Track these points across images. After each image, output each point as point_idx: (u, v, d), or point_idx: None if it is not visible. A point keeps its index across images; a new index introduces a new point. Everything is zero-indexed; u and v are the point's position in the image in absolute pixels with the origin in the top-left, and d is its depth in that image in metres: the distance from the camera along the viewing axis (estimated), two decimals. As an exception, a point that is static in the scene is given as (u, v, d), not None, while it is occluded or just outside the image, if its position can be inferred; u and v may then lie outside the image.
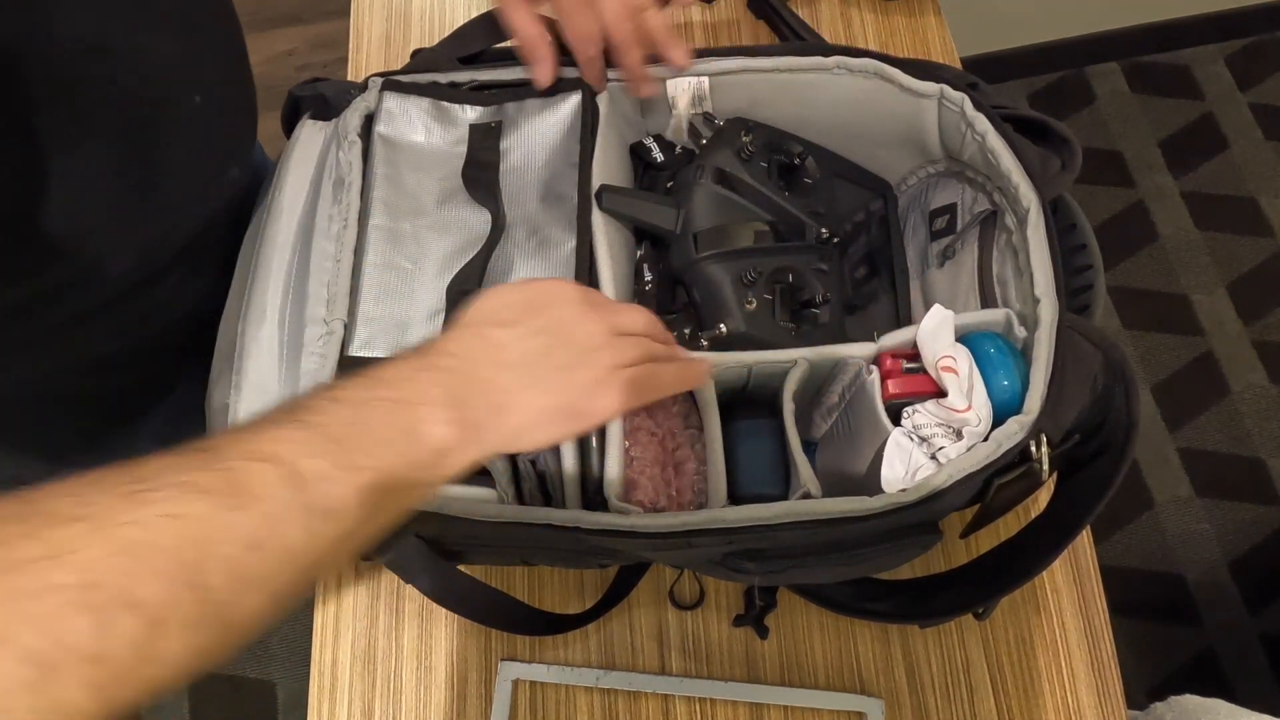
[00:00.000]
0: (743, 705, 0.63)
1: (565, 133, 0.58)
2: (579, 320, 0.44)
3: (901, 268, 0.64)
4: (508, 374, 0.41)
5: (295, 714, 1.40)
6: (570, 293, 0.45)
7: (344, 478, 0.34)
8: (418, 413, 0.38)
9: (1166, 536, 1.47)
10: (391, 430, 0.36)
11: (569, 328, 0.43)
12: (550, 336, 0.43)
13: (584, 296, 0.45)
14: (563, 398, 0.42)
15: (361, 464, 0.35)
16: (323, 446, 0.34)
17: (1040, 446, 0.46)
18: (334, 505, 0.34)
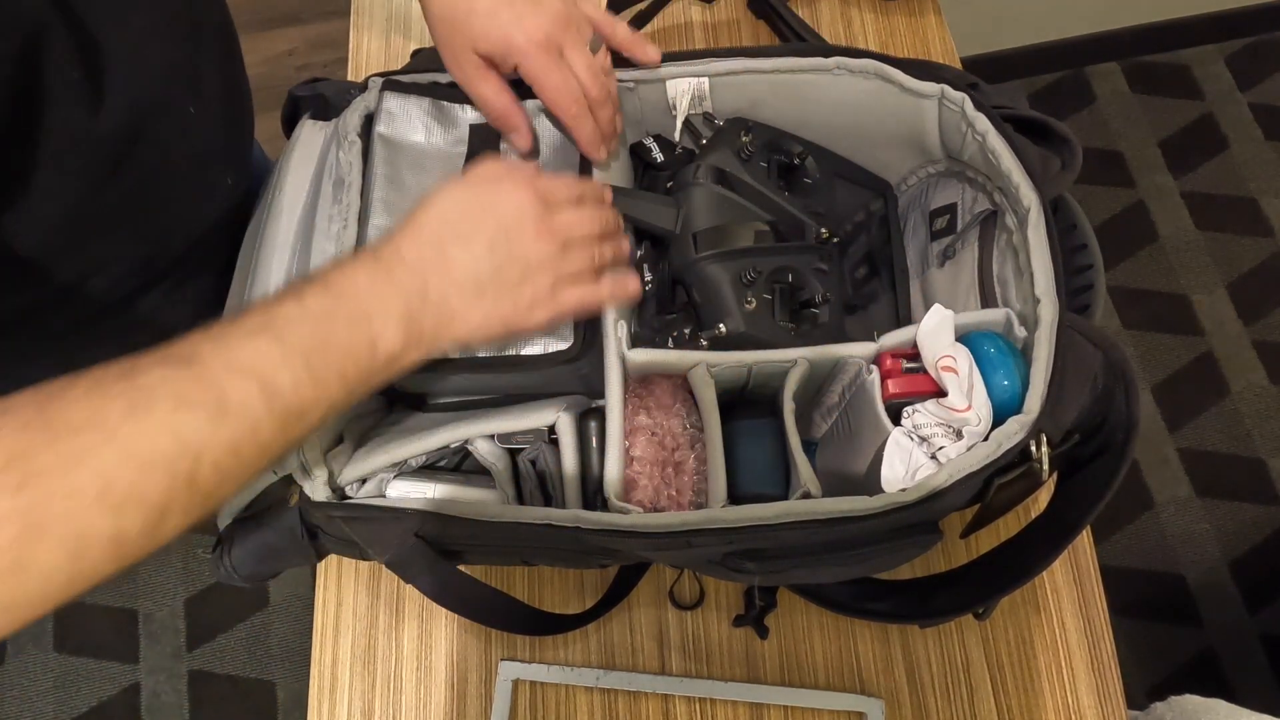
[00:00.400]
0: (743, 705, 0.63)
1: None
2: (531, 238, 0.47)
3: (901, 268, 0.64)
4: (458, 292, 0.45)
5: (295, 714, 1.40)
6: (525, 204, 0.47)
7: (312, 386, 0.39)
8: (375, 326, 0.42)
9: (1166, 536, 1.47)
10: (352, 342, 0.41)
11: (519, 246, 0.47)
12: (501, 254, 0.46)
13: (537, 205, 0.48)
14: (504, 312, 0.46)
15: (327, 374, 0.40)
16: (295, 360, 0.39)
17: (1040, 446, 0.46)
18: (304, 408, 0.39)
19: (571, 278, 0.49)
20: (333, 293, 0.42)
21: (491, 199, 0.47)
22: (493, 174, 0.48)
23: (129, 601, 1.47)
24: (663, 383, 0.54)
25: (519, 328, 0.47)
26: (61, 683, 1.43)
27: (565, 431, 0.51)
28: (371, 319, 0.42)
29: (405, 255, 0.44)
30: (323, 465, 0.49)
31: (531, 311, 0.47)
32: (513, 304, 0.47)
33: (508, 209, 0.47)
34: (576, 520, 0.47)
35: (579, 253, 0.49)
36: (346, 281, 0.42)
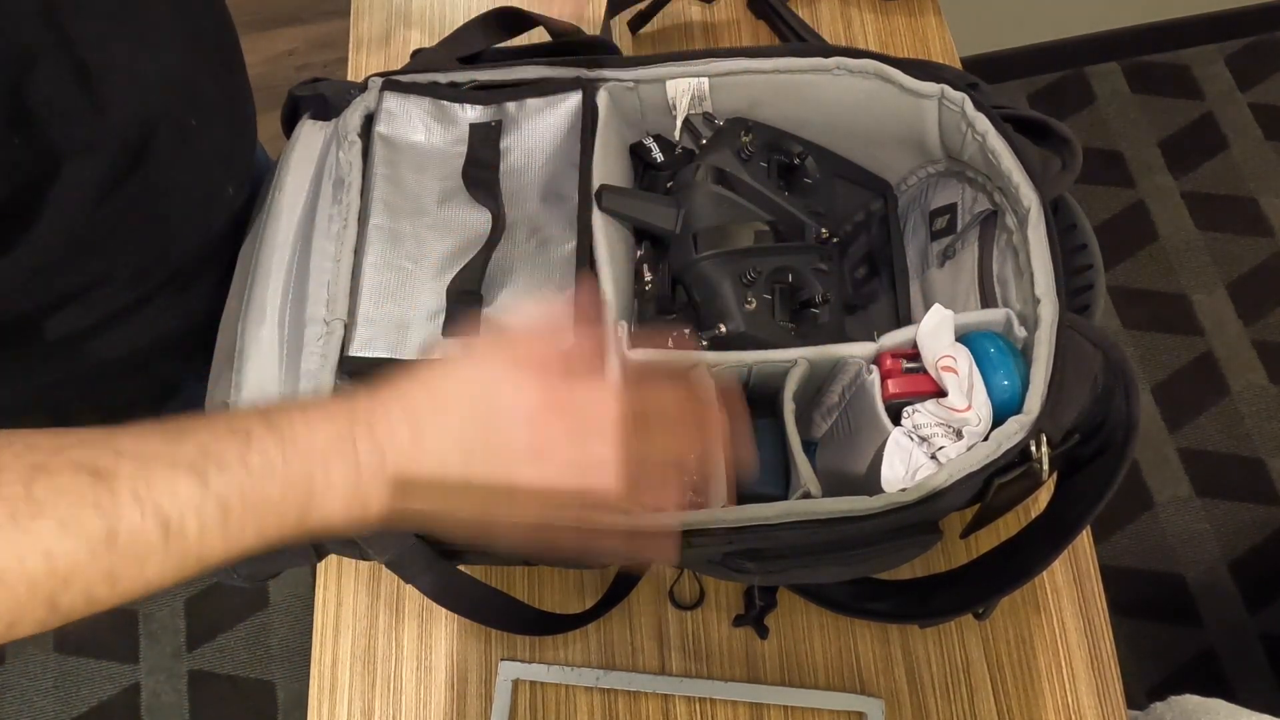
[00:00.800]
0: (743, 705, 0.63)
1: (565, 133, 0.58)
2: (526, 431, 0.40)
3: (901, 268, 0.64)
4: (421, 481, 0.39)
5: (295, 714, 1.40)
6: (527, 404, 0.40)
7: (222, 538, 0.36)
8: (315, 495, 0.37)
9: (1166, 536, 1.47)
10: (283, 504, 0.37)
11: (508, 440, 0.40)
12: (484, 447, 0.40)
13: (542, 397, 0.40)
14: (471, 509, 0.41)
15: (244, 529, 0.36)
16: (211, 508, 0.35)
17: (1040, 446, 0.46)
18: (205, 555, 0.36)
19: None
20: (284, 445, 0.37)
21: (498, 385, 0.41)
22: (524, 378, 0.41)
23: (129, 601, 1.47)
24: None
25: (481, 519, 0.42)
26: (61, 683, 1.43)
27: (565, 431, 0.51)
28: (313, 486, 0.37)
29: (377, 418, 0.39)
30: (323, 465, 0.49)
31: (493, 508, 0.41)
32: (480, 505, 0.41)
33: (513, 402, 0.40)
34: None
35: None
36: (304, 436, 0.38)
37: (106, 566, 0.34)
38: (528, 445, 0.40)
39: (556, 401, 0.40)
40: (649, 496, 0.42)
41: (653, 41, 0.84)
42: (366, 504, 0.39)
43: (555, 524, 0.42)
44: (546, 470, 0.40)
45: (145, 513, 0.34)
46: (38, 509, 0.33)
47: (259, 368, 0.53)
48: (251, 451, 0.37)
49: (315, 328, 0.53)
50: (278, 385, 0.53)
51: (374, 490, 0.38)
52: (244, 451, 0.36)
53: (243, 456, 0.36)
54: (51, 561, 0.33)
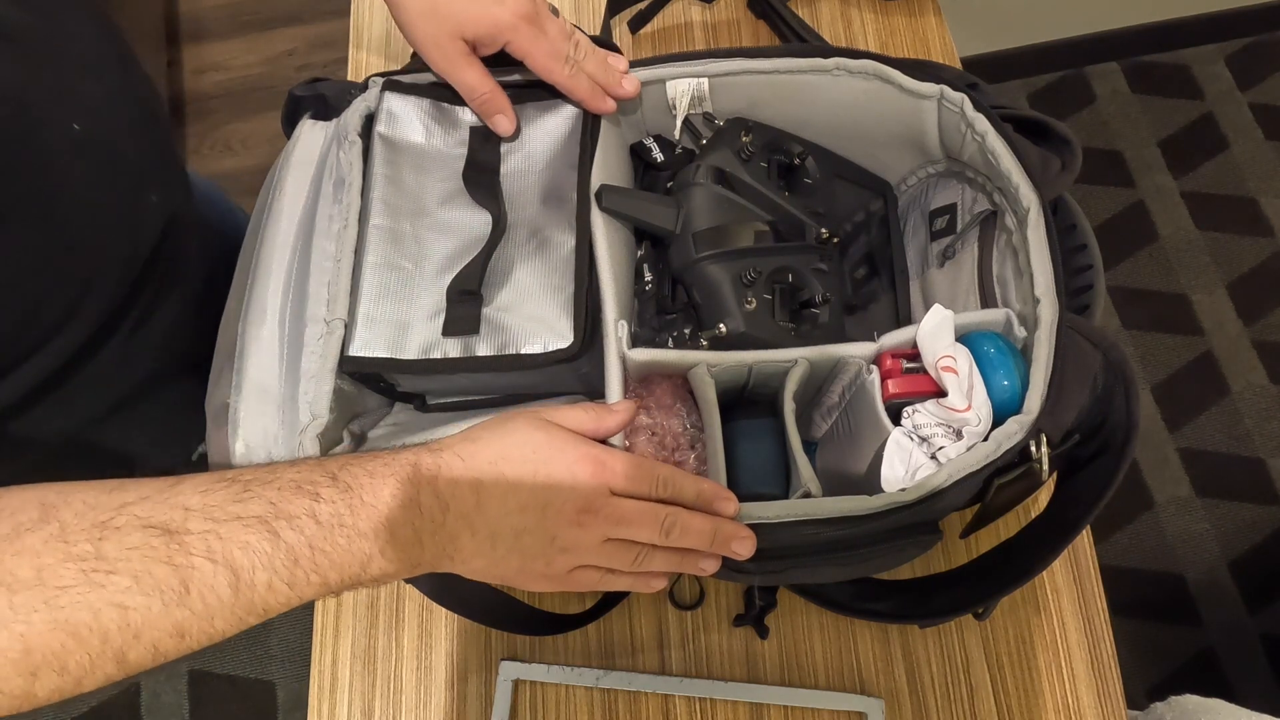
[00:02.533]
0: (743, 705, 0.63)
1: (566, 134, 0.58)
2: (571, 522, 0.43)
3: (901, 268, 0.64)
4: (472, 535, 0.42)
5: (295, 714, 1.40)
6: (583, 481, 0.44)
7: (288, 588, 0.37)
8: (377, 546, 0.39)
9: (1166, 536, 1.47)
10: (347, 557, 0.39)
11: (554, 522, 0.43)
12: (532, 520, 0.43)
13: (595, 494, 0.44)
14: (506, 572, 0.44)
15: (310, 580, 0.38)
16: (282, 564, 0.37)
17: (1040, 446, 0.46)
18: (270, 607, 0.37)
19: (598, 571, 0.46)
20: (351, 502, 0.39)
21: (562, 459, 0.44)
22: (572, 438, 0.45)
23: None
24: (663, 383, 0.54)
25: (519, 587, 0.46)
26: (62, 683, 1.43)
27: (565, 431, 0.51)
28: (377, 538, 0.39)
29: (441, 480, 0.42)
30: (323, 465, 0.49)
31: (534, 581, 0.45)
32: (519, 569, 0.44)
33: (571, 479, 0.43)
34: (577, 520, 0.47)
35: (618, 553, 0.45)
36: (370, 491, 0.40)
37: (178, 620, 0.35)
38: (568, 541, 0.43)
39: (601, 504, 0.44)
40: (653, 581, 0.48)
41: (653, 41, 0.84)
42: (423, 554, 0.41)
43: None
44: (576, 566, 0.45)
45: (218, 568, 0.35)
46: (110, 567, 0.33)
47: (259, 367, 0.53)
48: (320, 507, 0.38)
49: (315, 327, 0.53)
50: (278, 384, 0.53)
51: (432, 543, 0.41)
52: (313, 507, 0.38)
53: (312, 511, 0.38)
54: (125, 615, 0.34)
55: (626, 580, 0.47)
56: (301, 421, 0.50)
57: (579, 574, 0.45)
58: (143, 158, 0.59)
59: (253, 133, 1.78)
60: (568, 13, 0.86)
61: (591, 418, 0.47)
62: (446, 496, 0.41)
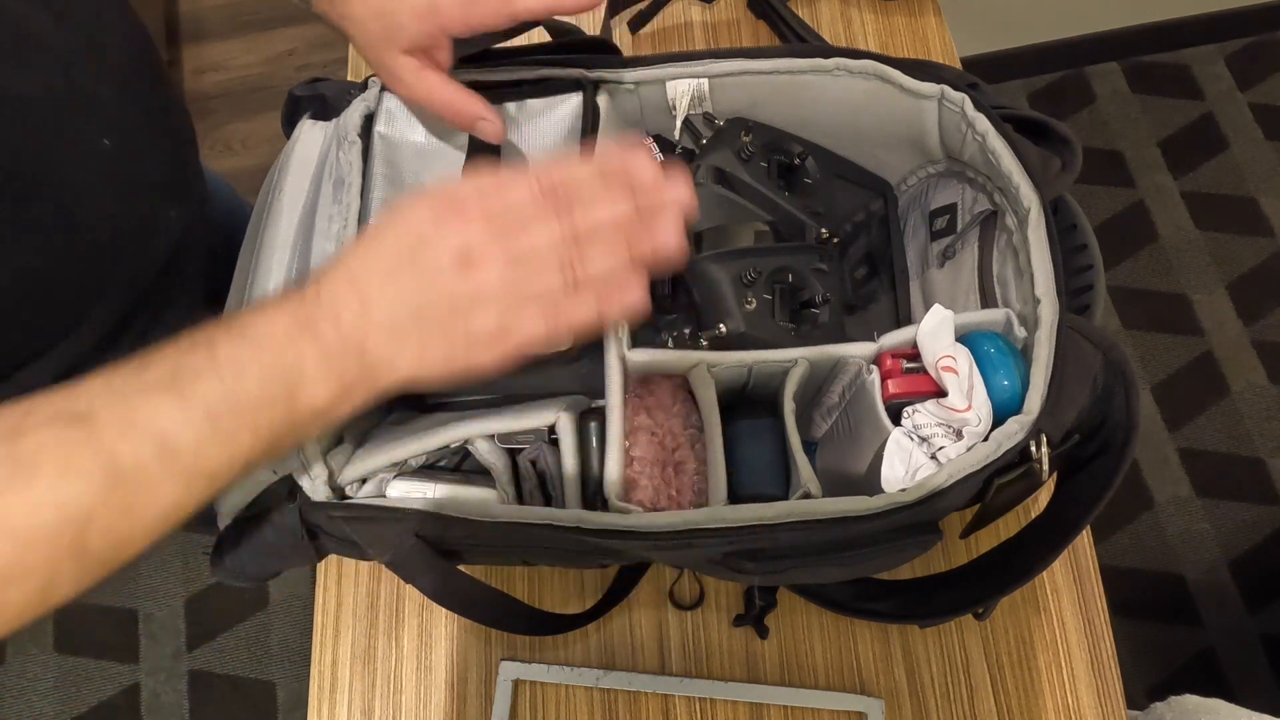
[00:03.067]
0: (743, 705, 0.63)
1: (565, 133, 0.58)
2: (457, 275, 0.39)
3: (901, 268, 0.64)
4: (375, 335, 0.39)
5: (295, 714, 1.40)
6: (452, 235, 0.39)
7: (218, 446, 0.36)
8: (292, 379, 0.38)
9: (1166, 536, 1.47)
10: (266, 397, 0.37)
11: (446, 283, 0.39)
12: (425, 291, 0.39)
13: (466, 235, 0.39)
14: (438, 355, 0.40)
15: (237, 433, 0.37)
16: (198, 419, 0.36)
17: (1040, 446, 0.46)
18: (211, 469, 0.37)
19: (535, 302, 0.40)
20: (248, 341, 0.38)
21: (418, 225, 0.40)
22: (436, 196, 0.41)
23: (129, 601, 1.47)
24: (663, 383, 0.54)
25: (466, 369, 0.41)
26: (61, 683, 1.43)
27: (565, 431, 0.51)
28: (288, 371, 0.38)
29: (323, 294, 0.39)
30: (322, 465, 0.49)
31: (473, 352, 0.40)
32: (446, 346, 0.40)
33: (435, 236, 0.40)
34: (577, 520, 0.47)
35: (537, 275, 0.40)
36: (264, 328, 0.38)
37: (120, 501, 0.34)
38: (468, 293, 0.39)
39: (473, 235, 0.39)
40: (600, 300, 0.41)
41: (653, 41, 0.84)
42: (345, 381, 0.39)
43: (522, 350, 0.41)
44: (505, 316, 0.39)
45: (136, 440, 0.35)
46: (32, 462, 0.33)
47: (259, 367, 0.53)
48: (219, 356, 0.37)
49: (315, 328, 0.53)
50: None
51: (347, 364, 0.39)
52: (211, 358, 0.37)
53: (212, 362, 0.37)
54: (63, 510, 0.33)
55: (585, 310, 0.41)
56: (301, 421, 0.50)
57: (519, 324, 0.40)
58: (167, 176, 0.59)
59: (253, 133, 1.78)
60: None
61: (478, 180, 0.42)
62: (333, 307, 0.39)
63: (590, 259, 0.40)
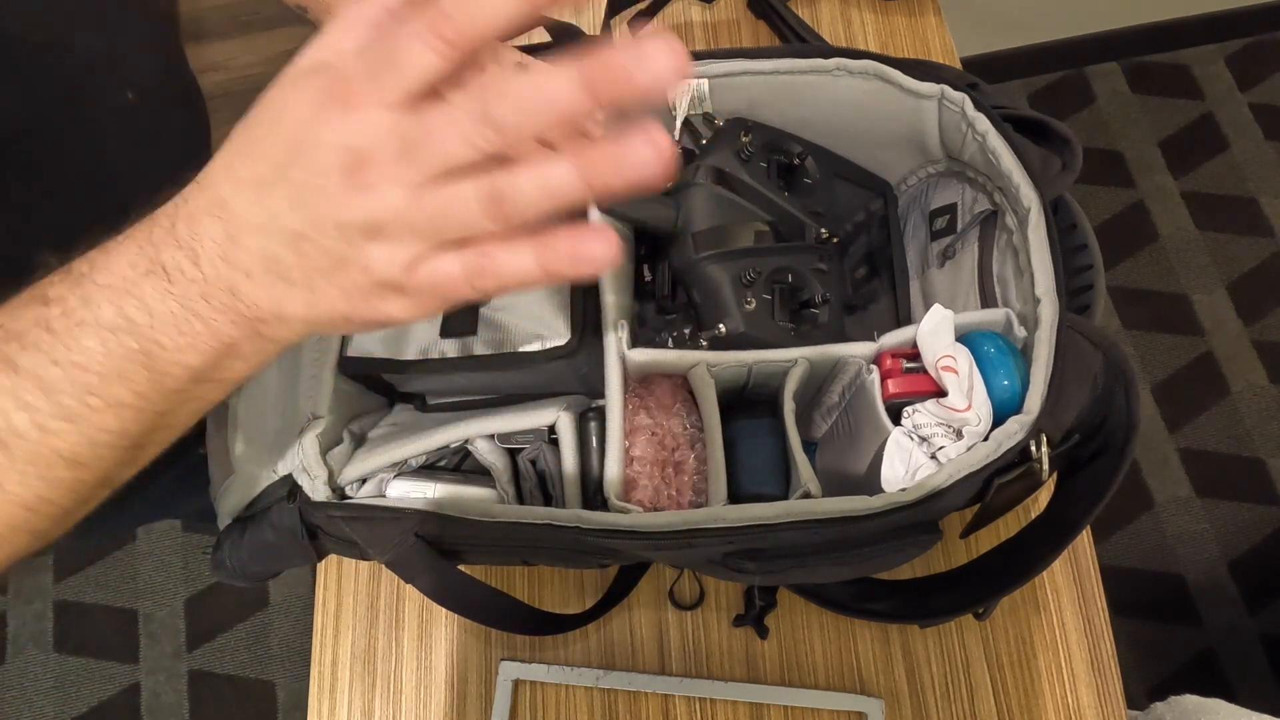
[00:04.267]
0: (743, 705, 0.63)
1: (565, 133, 0.58)
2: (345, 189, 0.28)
3: (901, 268, 0.64)
4: (263, 278, 0.30)
5: (295, 714, 1.40)
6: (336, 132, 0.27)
7: (73, 428, 0.30)
8: (147, 338, 0.30)
9: (1166, 536, 1.47)
10: (118, 363, 0.30)
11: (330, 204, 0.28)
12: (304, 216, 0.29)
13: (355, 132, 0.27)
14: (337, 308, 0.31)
15: (92, 406, 0.30)
16: (35, 395, 0.30)
17: (1040, 446, 0.46)
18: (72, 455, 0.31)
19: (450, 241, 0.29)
20: (83, 288, 0.30)
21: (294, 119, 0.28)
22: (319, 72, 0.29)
23: (129, 601, 1.47)
24: (663, 383, 0.54)
25: (377, 322, 0.32)
26: (61, 683, 1.43)
27: (565, 431, 0.51)
28: (135, 325, 0.30)
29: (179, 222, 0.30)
30: (322, 465, 0.49)
31: (381, 303, 0.30)
32: (340, 290, 0.30)
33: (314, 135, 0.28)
34: (577, 520, 0.47)
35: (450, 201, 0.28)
36: (104, 268, 0.30)
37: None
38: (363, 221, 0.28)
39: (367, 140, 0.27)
40: None
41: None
42: (214, 330, 0.31)
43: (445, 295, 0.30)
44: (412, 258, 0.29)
45: None
46: None
47: (259, 368, 0.53)
48: (50, 310, 0.30)
49: (315, 328, 0.53)
50: (277, 385, 0.53)
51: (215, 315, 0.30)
52: (43, 314, 0.30)
53: (43, 320, 0.30)
54: None
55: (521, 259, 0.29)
56: (300, 422, 0.50)
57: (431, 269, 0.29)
58: (185, 137, 0.59)
59: (253, 133, 1.77)
60: (568, 13, 0.86)
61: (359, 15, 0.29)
62: (189, 240, 0.30)
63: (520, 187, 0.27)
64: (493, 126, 0.26)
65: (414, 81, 0.27)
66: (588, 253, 0.28)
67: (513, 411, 0.53)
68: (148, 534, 1.51)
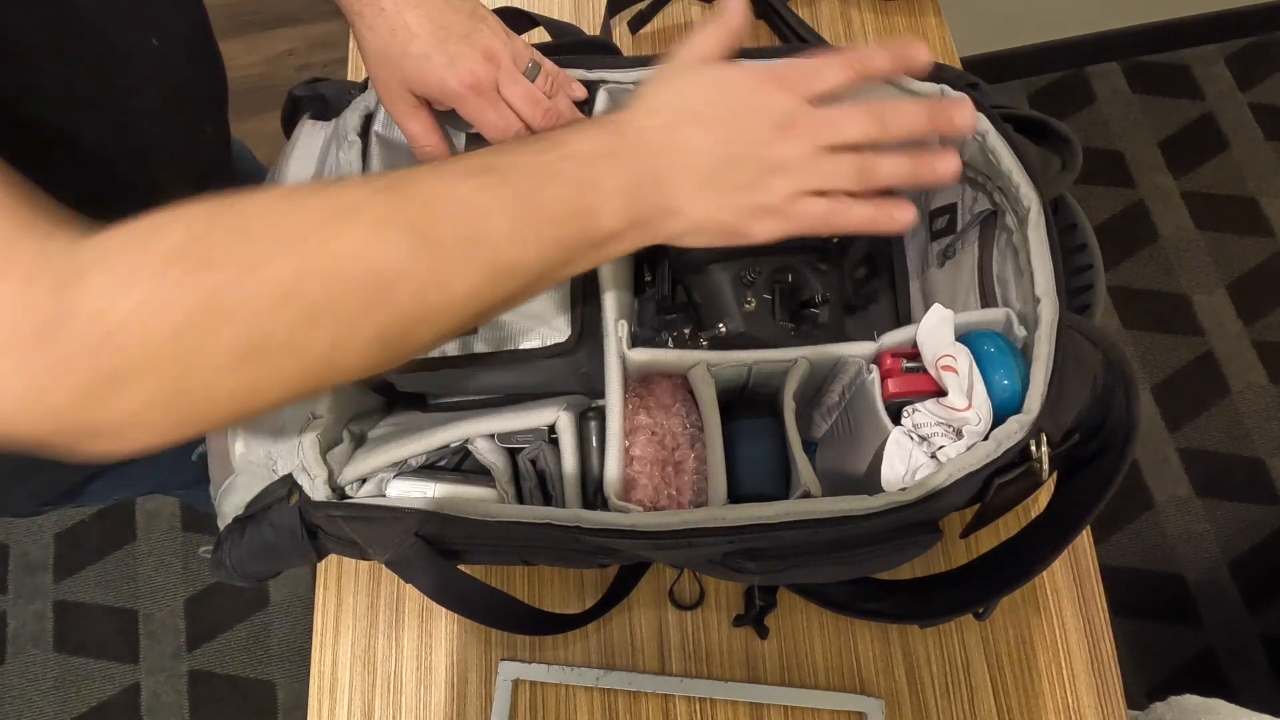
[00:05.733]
0: (743, 705, 0.63)
1: (565, 132, 0.58)
2: (775, 136, 0.42)
3: (901, 268, 0.64)
4: (685, 182, 0.41)
5: (295, 714, 1.40)
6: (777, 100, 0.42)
7: (528, 242, 0.37)
8: (598, 196, 0.39)
9: (1166, 536, 1.47)
10: (575, 205, 0.39)
11: (761, 142, 0.42)
12: (739, 147, 0.42)
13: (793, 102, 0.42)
14: (728, 214, 0.42)
15: (544, 233, 0.38)
16: (512, 207, 0.37)
17: (1040, 446, 0.46)
18: (516, 264, 0.37)
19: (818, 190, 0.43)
20: (563, 150, 0.39)
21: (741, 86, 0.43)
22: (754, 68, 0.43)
23: (129, 601, 1.47)
24: (663, 382, 0.54)
25: (743, 234, 0.43)
26: (61, 683, 1.43)
27: (565, 431, 0.51)
28: (596, 186, 0.39)
29: (636, 127, 0.41)
30: (322, 465, 0.49)
31: (758, 220, 0.43)
32: (739, 206, 0.42)
33: (757, 100, 0.42)
34: (577, 520, 0.47)
35: (829, 168, 0.43)
36: (578, 143, 0.40)
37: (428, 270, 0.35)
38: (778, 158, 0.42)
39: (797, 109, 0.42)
40: None
41: (653, 41, 0.84)
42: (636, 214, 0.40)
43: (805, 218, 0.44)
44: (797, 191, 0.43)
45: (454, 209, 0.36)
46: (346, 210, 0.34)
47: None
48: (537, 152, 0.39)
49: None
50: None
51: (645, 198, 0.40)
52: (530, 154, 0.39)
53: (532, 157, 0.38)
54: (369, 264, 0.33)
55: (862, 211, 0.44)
56: (301, 421, 0.50)
57: (804, 202, 0.43)
58: (206, 89, 0.61)
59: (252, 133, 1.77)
60: (568, 13, 0.86)
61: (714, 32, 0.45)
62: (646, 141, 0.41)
63: (882, 166, 0.43)
64: (882, 124, 0.43)
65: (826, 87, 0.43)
66: (902, 215, 0.45)
67: (513, 411, 0.53)
68: (148, 534, 1.51)
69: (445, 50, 0.51)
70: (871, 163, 0.43)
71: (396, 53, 0.52)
